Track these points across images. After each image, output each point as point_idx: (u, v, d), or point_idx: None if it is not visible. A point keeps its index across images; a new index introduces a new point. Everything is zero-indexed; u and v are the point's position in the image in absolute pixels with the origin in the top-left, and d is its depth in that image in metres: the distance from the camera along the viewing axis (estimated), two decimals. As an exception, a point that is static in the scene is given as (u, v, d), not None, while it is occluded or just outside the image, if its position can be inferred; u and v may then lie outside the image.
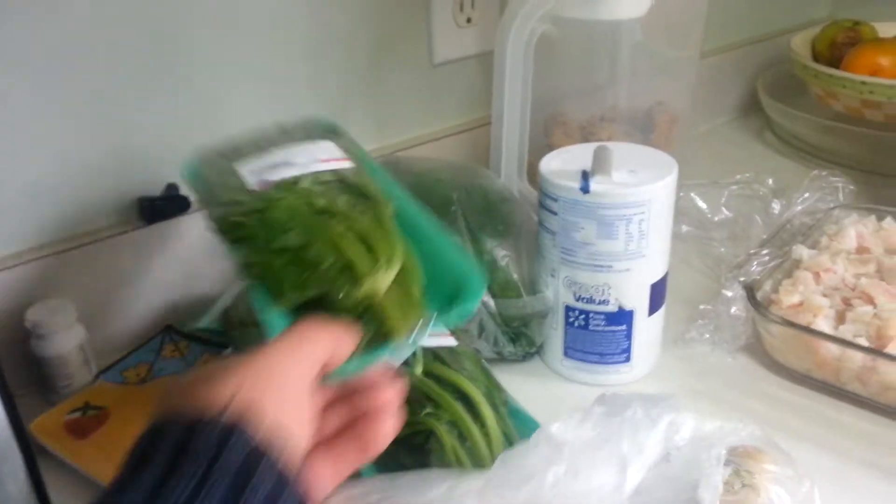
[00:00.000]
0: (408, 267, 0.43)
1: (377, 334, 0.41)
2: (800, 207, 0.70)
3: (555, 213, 0.54)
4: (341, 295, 0.41)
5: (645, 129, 0.74)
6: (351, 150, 0.53)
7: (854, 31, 0.98)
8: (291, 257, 0.43)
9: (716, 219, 0.73)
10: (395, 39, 0.75)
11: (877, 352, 0.52)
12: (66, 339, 0.57)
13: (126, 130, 0.61)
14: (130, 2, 0.58)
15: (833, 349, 0.53)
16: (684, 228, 0.73)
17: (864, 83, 0.86)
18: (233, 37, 0.64)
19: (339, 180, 0.49)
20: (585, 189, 0.52)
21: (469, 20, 0.78)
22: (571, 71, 0.71)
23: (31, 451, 0.49)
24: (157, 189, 0.63)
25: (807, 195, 0.71)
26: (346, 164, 0.50)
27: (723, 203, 0.73)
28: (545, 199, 0.55)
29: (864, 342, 0.53)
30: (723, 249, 0.69)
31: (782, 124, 1.00)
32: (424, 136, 0.80)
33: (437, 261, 0.45)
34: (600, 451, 0.41)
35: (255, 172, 0.48)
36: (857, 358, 0.52)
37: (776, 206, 0.72)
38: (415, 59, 0.78)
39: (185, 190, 0.64)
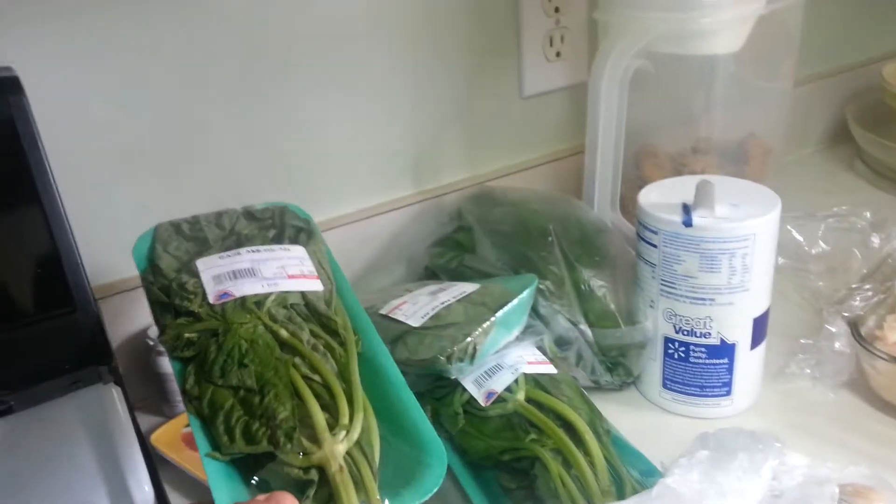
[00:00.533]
0: (366, 438, 0.40)
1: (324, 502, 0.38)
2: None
3: (655, 246, 0.55)
4: (291, 455, 0.38)
5: (738, 161, 0.74)
6: (321, 259, 0.50)
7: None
8: (244, 399, 0.40)
9: (813, 252, 0.72)
10: (488, 72, 0.77)
11: None
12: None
13: (236, 156, 0.66)
14: (235, 34, 0.63)
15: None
16: (780, 261, 0.72)
17: None
18: (334, 72, 0.68)
19: (306, 304, 0.46)
20: (688, 223, 0.52)
21: (559, 54, 0.80)
22: (663, 103, 0.72)
23: (152, 461, 0.52)
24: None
25: (907, 228, 0.70)
26: (315, 285, 0.47)
27: (820, 236, 0.72)
28: (644, 231, 0.56)
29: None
30: (821, 283, 0.68)
31: (873, 154, 0.97)
32: (513, 166, 0.82)
33: (399, 424, 0.42)
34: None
35: (216, 279, 0.45)
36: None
37: (875, 240, 0.70)
38: (506, 92, 0.80)
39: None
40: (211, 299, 0.44)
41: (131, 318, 0.62)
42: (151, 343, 0.61)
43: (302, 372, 0.42)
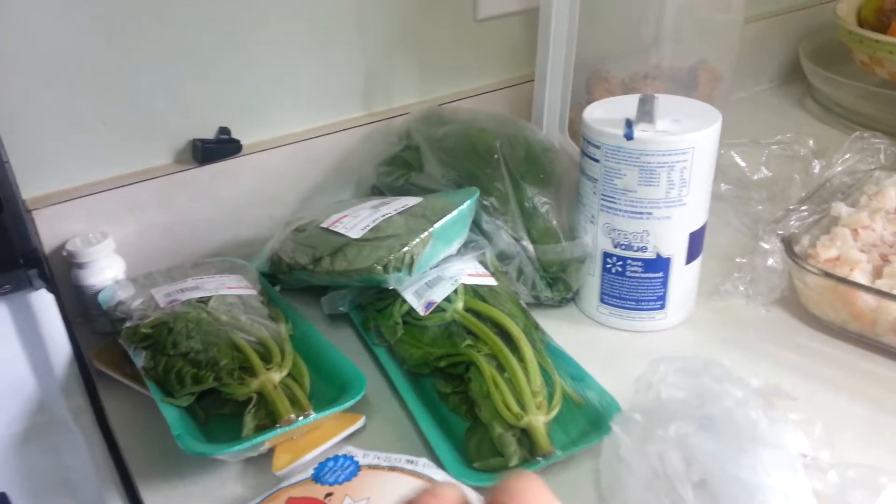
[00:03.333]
0: (296, 371, 0.50)
1: (265, 419, 0.46)
2: (840, 168, 0.70)
3: (597, 161, 0.55)
4: (233, 386, 0.47)
5: (688, 87, 0.74)
6: (259, 283, 0.60)
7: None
8: (192, 358, 0.49)
9: (755, 178, 0.73)
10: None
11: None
12: (102, 269, 0.59)
13: (181, 77, 0.63)
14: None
15: (870, 301, 0.54)
16: (723, 187, 0.74)
17: (861, 37, 0.85)
18: (284, -15, 0.66)
19: (244, 303, 0.55)
20: (629, 136, 0.53)
21: (514, -24, 0.79)
22: (616, 30, 0.71)
23: (87, 368, 0.52)
24: (210, 132, 0.66)
25: (847, 156, 0.71)
26: (251, 292, 0.57)
27: (762, 162, 0.74)
28: (588, 146, 0.56)
29: (901, 295, 0.54)
30: (760, 208, 0.70)
31: (824, 91, 0.98)
32: (466, 91, 0.81)
33: (326, 362, 0.52)
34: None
35: (166, 294, 0.55)
36: (894, 309, 0.53)
37: (816, 167, 0.72)
38: (459, 14, 0.78)
39: (236, 134, 0.67)
40: (162, 304, 0.54)
41: (56, 231, 0.60)
42: (66, 255, 0.59)
43: (242, 337, 0.51)
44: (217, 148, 0.65)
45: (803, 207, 0.63)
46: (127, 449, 0.50)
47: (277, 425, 0.44)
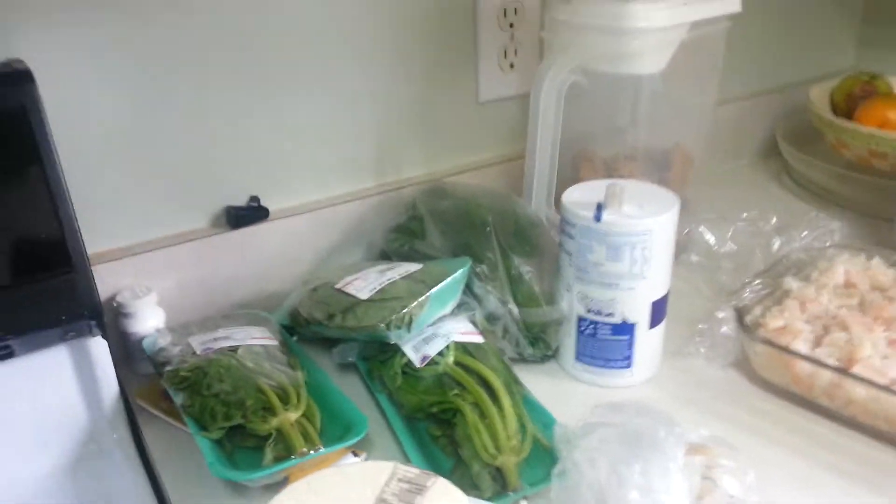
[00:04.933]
0: (309, 412, 0.59)
1: (282, 452, 0.55)
2: (797, 244, 0.79)
3: (572, 238, 0.64)
4: (257, 423, 0.57)
5: (662, 168, 0.83)
6: (280, 334, 0.69)
7: (870, 85, 1.06)
8: (223, 399, 0.58)
9: (722, 250, 0.82)
10: (447, 79, 0.86)
11: (841, 370, 0.60)
12: (146, 319, 0.69)
13: (219, 152, 0.74)
14: (220, 34, 0.71)
15: (806, 367, 0.62)
16: (694, 258, 0.83)
17: (871, 135, 0.94)
18: (307, 73, 0.77)
19: (267, 352, 0.64)
20: (598, 218, 0.62)
21: (512, 66, 0.90)
22: (598, 115, 0.81)
23: (129, 403, 0.61)
24: (241, 200, 0.76)
25: (805, 233, 0.80)
26: (273, 342, 0.67)
27: (729, 237, 0.82)
28: (565, 224, 0.65)
29: (833, 363, 0.62)
30: (724, 278, 0.78)
31: (797, 169, 1.08)
32: (468, 164, 0.91)
33: (335, 406, 0.61)
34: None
35: (202, 343, 0.65)
36: (826, 375, 0.61)
37: (777, 242, 0.80)
38: (463, 97, 0.89)
39: (264, 201, 0.77)
40: (198, 352, 0.63)
41: (107, 285, 0.70)
42: (116, 305, 0.68)
43: (265, 381, 0.60)
44: (248, 215, 0.75)
45: (757, 281, 0.72)
46: (163, 474, 0.58)
47: (292, 457, 0.53)
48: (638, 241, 0.62)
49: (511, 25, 0.88)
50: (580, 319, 0.66)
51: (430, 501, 0.46)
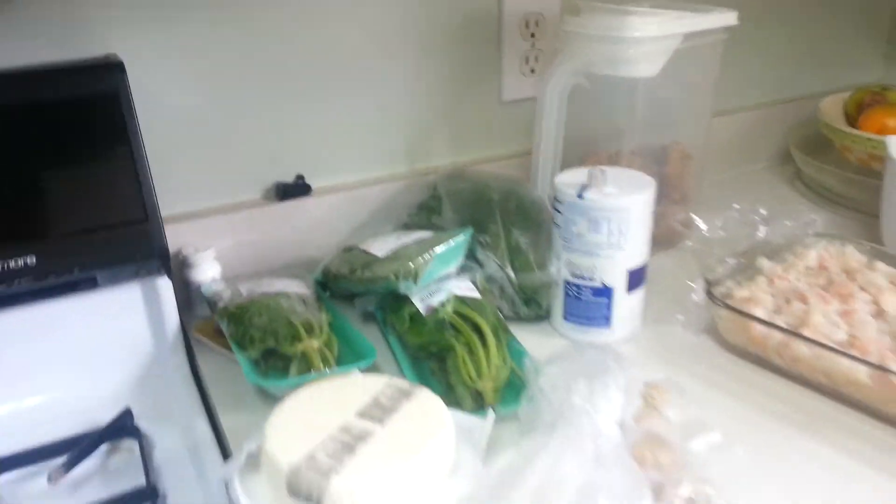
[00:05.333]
0: (329, 341, 0.71)
1: (305, 369, 0.67)
2: (781, 232, 0.87)
3: (560, 213, 0.75)
4: (286, 347, 0.69)
5: (660, 163, 0.93)
6: (314, 287, 0.81)
7: (880, 95, 1.12)
8: (261, 328, 0.70)
9: (714, 237, 0.90)
10: (474, 81, 0.98)
11: (789, 331, 0.68)
12: (206, 270, 0.83)
13: (273, 135, 0.88)
14: (281, 43, 0.85)
15: (762, 329, 0.70)
16: (689, 244, 0.91)
17: (869, 139, 1.01)
18: (351, 76, 0.90)
19: (301, 299, 0.76)
20: (581, 196, 0.72)
21: (532, 70, 1.01)
22: (600, 114, 0.91)
23: (187, 334, 0.75)
24: (289, 177, 0.90)
25: (789, 223, 0.87)
26: (307, 292, 0.79)
27: (720, 226, 0.91)
28: (555, 202, 0.76)
29: (784, 326, 0.70)
30: (713, 262, 0.87)
31: (809, 174, 1.15)
32: (490, 156, 1.02)
33: (353, 342, 0.74)
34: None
35: (248, 289, 0.77)
36: (777, 336, 0.69)
37: (762, 231, 0.88)
38: (488, 97, 1.01)
39: (309, 179, 0.90)
40: (244, 294, 0.76)
41: (176, 241, 0.84)
42: (183, 258, 0.83)
43: (295, 318, 0.71)
44: (294, 190, 0.89)
45: (733, 260, 0.80)
46: (212, 392, 0.72)
47: (312, 371, 0.65)
48: (614, 216, 0.72)
49: (532, 35, 1.00)
50: (567, 283, 0.76)
51: (415, 404, 0.58)
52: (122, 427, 0.67)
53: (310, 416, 0.56)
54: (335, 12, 0.87)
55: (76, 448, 0.63)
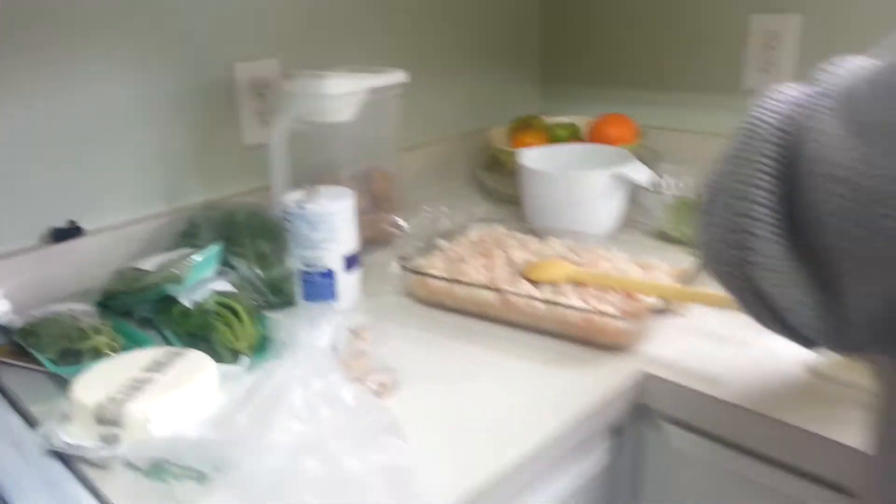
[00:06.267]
0: (114, 338, 0.89)
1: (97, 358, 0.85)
2: (458, 223, 1.22)
3: (290, 221, 1.02)
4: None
5: (369, 182, 1.24)
6: (95, 306, 1.00)
7: (528, 123, 1.55)
8: (55, 335, 0.88)
9: (413, 233, 1.23)
10: (218, 132, 1.23)
11: (450, 279, 1.02)
12: None
13: (47, 183, 1.06)
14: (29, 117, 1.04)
15: (433, 282, 1.03)
16: (397, 239, 1.23)
17: (511, 152, 1.42)
18: (109, 136, 1.11)
19: (84, 313, 0.94)
20: (302, 207, 1.00)
21: (265, 121, 1.28)
22: (320, 151, 1.21)
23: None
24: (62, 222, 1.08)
25: (463, 216, 1.23)
26: (90, 309, 0.97)
27: (416, 224, 1.24)
28: (285, 214, 1.03)
29: (444, 276, 1.03)
30: (407, 246, 1.19)
31: (485, 181, 1.55)
32: (239, 191, 1.27)
33: (134, 338, 0.92)
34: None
35: (39, 312, 0.95)
36: (444, 285, 1.02)
37: (446, 223, 1.23)
38: (232, 142, 1.26)
39: (81, 222, 1.09)
40: (37, 316, 0.90)
41: None
42: None
43: (83, 324, 0.89)
44: (67, 233, 1.07)
45: (420, 243, 1.13)
46: (20, 395, 0.88)
47: (101, 358, 0.85)
48: (325, 219, 1.01)
49: (261, 94, 1.27)
50: (302, 272, 1.03)
51: (186, 359, 0.81)
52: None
53: (106, 375, 0.77)
54: (83, 79, 1.08)
55: None
